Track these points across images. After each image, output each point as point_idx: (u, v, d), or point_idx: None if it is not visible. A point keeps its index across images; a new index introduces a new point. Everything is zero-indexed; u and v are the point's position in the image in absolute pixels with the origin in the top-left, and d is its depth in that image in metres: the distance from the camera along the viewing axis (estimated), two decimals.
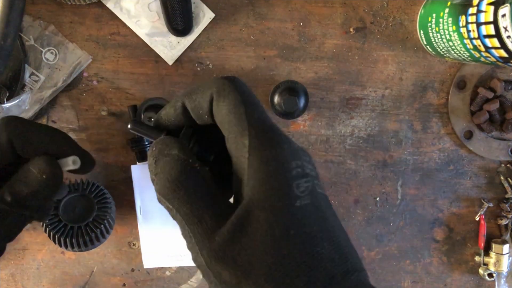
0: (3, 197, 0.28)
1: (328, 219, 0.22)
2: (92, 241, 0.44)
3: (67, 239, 0.43)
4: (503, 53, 0.36)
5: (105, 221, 0.44)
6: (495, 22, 0.35)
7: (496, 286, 0.53)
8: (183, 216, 0.22)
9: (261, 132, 0.22)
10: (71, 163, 0.30)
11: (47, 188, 0.29)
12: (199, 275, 0.51)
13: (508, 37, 0.34)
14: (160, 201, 0.23)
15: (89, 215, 0.43)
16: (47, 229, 0.42)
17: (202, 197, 0.22)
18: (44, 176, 0.28)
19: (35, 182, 0.28)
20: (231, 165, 0.23)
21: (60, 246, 0.43)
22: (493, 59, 0.38)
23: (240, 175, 0.22)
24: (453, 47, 0.42)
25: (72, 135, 0.48)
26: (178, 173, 0.23)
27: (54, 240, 0.43)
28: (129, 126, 0.27)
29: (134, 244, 0.50)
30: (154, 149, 0.25)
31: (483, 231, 0.52)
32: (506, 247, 0.51)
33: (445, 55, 0.45)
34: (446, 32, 0.42)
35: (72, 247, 0.43)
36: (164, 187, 0.23)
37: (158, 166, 0.24)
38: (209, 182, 0.23)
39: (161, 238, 0.48)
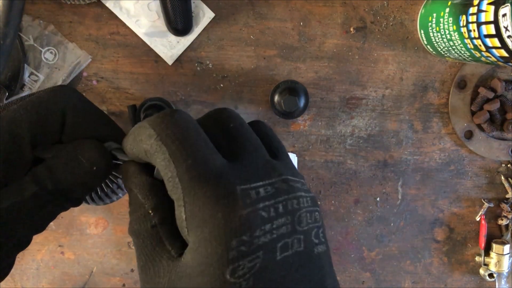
0: (44, 182, 0.23)
1: None
2: (108, 196, 0.42)
3: None
4: (503, 53, 0.36)
5: (118, 179, 0.42)
6: (495, 22, 0.35)
7: (497, 287, 0.53)
8: (137, 260, 0.22)
9: (197, 200, 0.19)
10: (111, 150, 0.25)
11: (96, 180, 0.25)
12: None
13: (509, 36, 0.34)
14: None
15: None
16: None
17: (146, 247, 0.21)
18: (95, 168, 0.24)
19: (83, 173, 0.24)
20: None
21: None
22: (493, 58, 0.38)
23: (186, 240, 0.20)
24: (454, 47, 0.42)
25: None
26: (133, 220, 0.22)
27: None
28: (113, 147, 0.25)
29: (133, 244, 0.50)
30: (122, 176, 0.24)
31: (483, 231, 0.52)
32: (506, 248, 0.51)
33: (445, 55, 0.45)
34: (447, 31, 0.41)
35: (92, 200, 0.42)
36: (128, 230, 0.23)
37: (129, 202, 0.23)
38: (161, 230, 0.21)
39: None
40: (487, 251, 0.53)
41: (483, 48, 0.38)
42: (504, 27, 0.34)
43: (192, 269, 0.18)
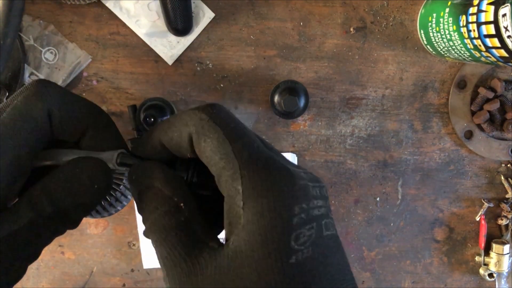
0: (41, 206, 0.21)
1: (329, 272, 0.19)
2: (112, 205, 0.40)
3: None
4: (503, 53, 0.36)
5: (121, 186, 0.40)
6: (495, 22, 0.35)
7: (497, 286, 0.53)
8: (160, 257, 0.20)
9: (256, 173, 0.19)
10: (114, 162, 0.23)
11: (97, 199, 0.23)
12: None
13: (509, 36, 0.34)
14: (144, 235, 0.22)
15: None
16: None
17: (181, 241, 0.20)
18: (96, 186, 0.22)
19: (84, 192, 0.22)
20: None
21: None
22: (493, 59, 0.38)
23: (234, 222, 0.19)
24: (454, 47, 0.42)
25: None
26: (161, 216, 0.20)
27: None
28: (115, 159, 0.23)
29: (133, 244, 0.50)
30: (133, 177, 0.22)
31: (483, 231, 0.52)
32: (506, 247, 0.51)
33: (445, 55, 0.45)
34: (447, 31, 0.41)
35: (97, 212, 0.40)
36: (147, 229, 0.21)
37: (143, 201, 0.21)
38: (193, 223, 0.20)
39: None
40: (487, 251, 0.53)
41: (483, 48, 0.38)
42: (504, 27, 0.34)
43: (249, 246, 0.18)
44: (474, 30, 0.37)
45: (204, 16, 0.47)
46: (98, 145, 0.24)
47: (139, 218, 0.48)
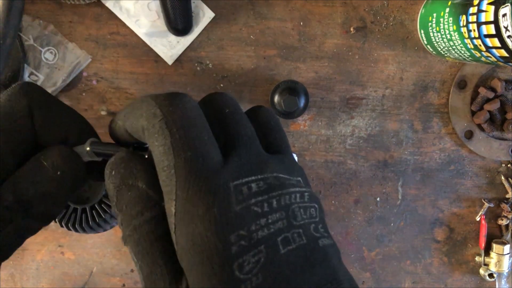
0: (3, 195, 0.20)
1: None
2: (99, 225, 0.39)
3: (69, 223, 0.37)
4: (503, 53, 0.36)
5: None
6: (495, 22, 0.35)
7: (497, 287, 0.53)
8: (140, 270, 0.19)
9: (191, 195, 0.18)
10: (86, 152, 0.23)
11: (61, 189, 0.22)
12: None
13: (509, 36, 0.34)
14: (123, 242, 0.20)
15: (96, 196, 0.38)
16: None
17: (166, 255, 0.19)
18: (59, 173, 0.21)
19: (46, 180, 0.21)
20: None
21: (61, 226, 0.39)
22: (493, 58, 0.38)
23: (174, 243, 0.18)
24: (454, 47, 0.42)
25: None
26: (145, 223, 0.19)
27: (59, 222, 0.38)
28: (87, 148, 0.22)
29: None
30: (114, 172, 0.20)
31: (483, 231, 0.52)
32: (507, 248, 0.51)
33: (445, 55, 0.45)
34: (447, 31, 0.41)
35: (76, 230, 0.39)
36: (125, 235, 0.20)
37: (121, 202, 0.20)
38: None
39: None
40: (487, 251, 0.52)
41: (483, 48, 0.38)
42: (504, 27, 0.34)
43: (193, 278, 0.17)
44: (474, 30, 0.37)
45: (204, 16, 0.46)
46: None
47: None
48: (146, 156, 0.22)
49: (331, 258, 0.19)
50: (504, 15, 0.34)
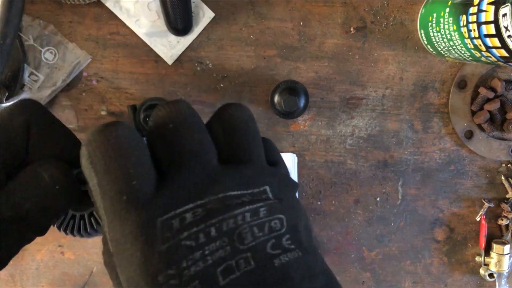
0: (2, 210, 0.20)
1: None
2: (97, 231, 0.41)
3: (67, 229, 0.39)
4: (504, 53, 0.36)
5: None
6: (495, 22, 0.35)
7: (497, 287, 0.53)
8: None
9: (119, 237, 0.17)
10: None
11: (59, 203, 0.22)
12: None
13: (509, 36, 0.34)
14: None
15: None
16: None
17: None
18: (57, 187, 0.21)
19: (45, 193, 0.21)
20: None
21: (59, 231, 0.40)
22: (494, 58, 0.38)
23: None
24: (454, 47, 0.42)
25: None
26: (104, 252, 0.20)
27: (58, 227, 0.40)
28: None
29: None
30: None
31: (483, 231, 0.52)
32: (507, 248, 0.51)
33: (445, 55, 0.45)
34: (447, 31, 0.41)
35: (73, 235, 0.40)
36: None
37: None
38: None
39: None
40: (487, 251, 0.52)
41: (483, 48, 0.38)
42: (504, 27, 0.34)
43: None
44: (474, 30, 0.37)
45: (204, 16, 0.46)
46: None
47: None
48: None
49: (292, 278, 0.17)
50: (504, 15, 0.34)
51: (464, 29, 0.39)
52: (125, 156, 0.18)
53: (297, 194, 0.51)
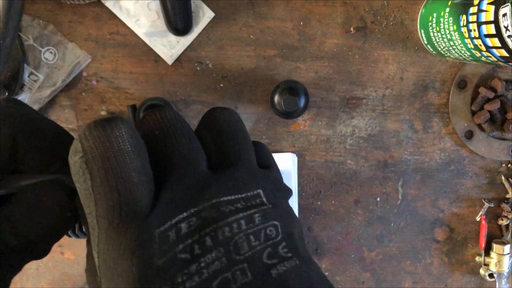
0: (5, 239, 0.19)
1: None
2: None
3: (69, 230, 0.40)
4: (504, 53, 0.36)
5: None
6: (496, 22, 0.35)
7: (497, 287, 0.52)
8: None
9: (112, 250, 0.16)
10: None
11: (67, 227, 0.21)
12: None
13: (509, 36, 0.34)
14: None
15: None
16: None
17: None
18: (69, 214, 0.20)
19: (52, 221, 0.20)
20: None
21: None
22: (494, 58, 0.38)
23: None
24: (454, 47, 0.42)
25: None
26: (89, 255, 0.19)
27: None
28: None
29: None
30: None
31: (484, 231, 0.52)
32: (507, 248, 0.51)
33: (446, 55, 0.45)
34: (447, 31, 0.41)
35: (69, 236, 0.41)
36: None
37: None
38: None
39: None
40: (488, 251, 0.52)
41: (483, 48, 0.38)
42: (504, 26, 0.34)
43: None
44: (474, 30, 0.37)
45: (204, 15, 0.46)
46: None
47: None
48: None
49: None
50: (504, 15, 0.34)
51: (464, 29, 0.39)
52: (128, 161, 0.16)
53: (296, 199, 0.51)
